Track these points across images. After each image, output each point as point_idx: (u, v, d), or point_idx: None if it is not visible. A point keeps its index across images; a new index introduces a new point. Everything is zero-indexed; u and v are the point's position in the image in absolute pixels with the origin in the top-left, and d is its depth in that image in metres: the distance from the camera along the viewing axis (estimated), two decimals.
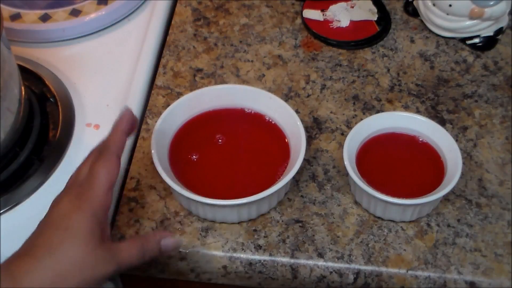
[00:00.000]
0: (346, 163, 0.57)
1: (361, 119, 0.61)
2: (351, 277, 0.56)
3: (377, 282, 0.56)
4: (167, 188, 0.60)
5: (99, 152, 0.50)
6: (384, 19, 0.76)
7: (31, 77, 0.69)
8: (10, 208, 0.59)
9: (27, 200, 0.60)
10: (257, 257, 0.56)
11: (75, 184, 0.49)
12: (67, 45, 0.74)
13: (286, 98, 0.68)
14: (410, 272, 0.55)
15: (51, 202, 0.49)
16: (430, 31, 0.75)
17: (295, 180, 0.61)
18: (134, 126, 0.52)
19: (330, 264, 0.56)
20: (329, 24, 0.75)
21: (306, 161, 0.62)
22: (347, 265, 0.56)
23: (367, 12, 0.76)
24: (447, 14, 0.71)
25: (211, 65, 0.71)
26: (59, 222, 0.46)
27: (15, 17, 0.73)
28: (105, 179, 0.48)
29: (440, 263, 0.56)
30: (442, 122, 0.66)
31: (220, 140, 0.61)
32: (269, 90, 0.67)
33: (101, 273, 0.46)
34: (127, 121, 0.51)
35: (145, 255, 0.49)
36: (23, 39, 0.73)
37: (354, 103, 0.68)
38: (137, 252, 0.48)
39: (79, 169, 0.51)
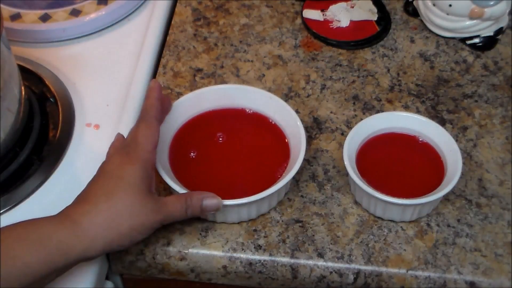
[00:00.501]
0: (346, 163, 0.57)
1: (361, 119, 0.61)
2: (351, 277, 0.56)
3: (377, 282, 0.56)
4: (167, 188, 0.60)
5: (139, 119, 0.55)
6: (384, 19, 0.76)
7: (31, 77, 0.69)
8: (10, 208, 0.59)
9: (27, 200, 0.60)
10: (257, 257, 0.56)
11: (120, 147, 0.55)
12: (67, 45, 0.74)
13: (286, 98, 0.68)
14: (410, 272, 0.55)
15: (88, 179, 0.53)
16: (430, 31, 0.75)
17: (295, 180, 0.61)
18: (160, 91, 0.57)
19: (330, 264, 0.56)
20: (329, 24, 0.75)
21: (306, 161, 0.62)
22: (347, 265, 0.56)
23: (367, 12, 0.76)
24: (447, 14, 0.71)
25: (211, 65, 0.72)
26: (113, 172, 0.51)
27: (15, 17, 0.73)
28: (148, 141, 0.53)
29: (440, 263, 0.56)
30: (442, 122, 0.66)
31: (220, 139, 0.61)
32: (269, 90, 0.67)
33: (149, 220, 0.50)
34: (156, 89, 0.56)
35: (187, 211, 0.53)
36: (23, 39, 0.73)
37: (354, 103, 0.68)
38: (180, 207, 0.52)
39: (119, 138, 0.57)
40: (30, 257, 0.45)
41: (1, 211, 0.58)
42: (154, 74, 0.71)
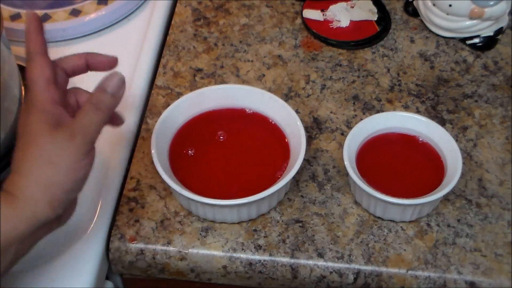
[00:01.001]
0: (346, 163, 0.57)
1: (361, 119, 0.61)
2: (351, 277, 0.56)
3: (377, 282, 0.56)
4: (167, 188, 0.60)
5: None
6: (384, 19, 0.76)
7: None
8: None
9: None
10: (257, 257, 0.56)
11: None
12: (67, 45, 0.74)
13: (286, 98, 0.68)
14: (410, 272, 0.55)
15: None
16: (430, 31, 0.75)
17: (295, 180, 0.61)
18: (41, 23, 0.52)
19: (330, 264, 0.56)
20: (329, 24, 0.75)
21: (306, 161, 0.62)
22: (347, 265, 0.56)
23: (367, 12, 0.76)
24: (447, 14, 0.71)
25: (211, 65, 0.72)
26: (20, 129, 0.47)
27: (15, 17, 0.73)
28: (39, 79, 0.48)
29: (440, 263, 0.56)
30: (442, 122, 0.66)
31: (221, 137, 0.61)
32: (269, 90, 0.67)
33: (72, 149, 0.46)
34: (34, 21, 0.51)
35: (101, 107, 0.48)
36: (23, 39, 0.73)
37: (354, 103, 0.68)
38: (92, 110, 0.47)
39: None
40: None
41: None
42: (154, 74, 0.71)
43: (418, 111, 0.67)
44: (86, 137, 0.46)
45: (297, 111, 0.63)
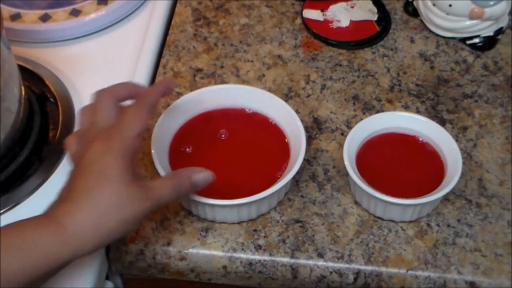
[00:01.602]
0: (346, 163, 0.57)
1: (361, 119, 0.61)
2: (351, 277, 0.56)
3: (377, 282, 0.56)
4: None
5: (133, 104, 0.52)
6: (384, 19, 0.76)
7: (31, 77, 0.69)
8: (10, 208, 0.59)
9: (27, 200, 0.60)
10: (257, 257, 0.56)
11: (101, 128, 0.50)
12: (67, 45, 0.74)
13: (286, 98, 0.68)
14: (410, 272, 0.55)
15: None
16: (430, 31, 0.75)
17: (295, 180, 0.61)
18: (170, 91, 0.55)
19: (330, 264, 0.56)
20: (329, 24, 0.75)
21: (306, 161, 0.62)
22: (347, 265, 0.56)
23: (367, 12, 0.76)
24: (447, 14, 0.71)
25: (211, 65, 0.72)
26: (93, 166, 0.47)
27: (15, 17, 0.73)
28: (134, 126, 0.49)
29: (440, 263, 0.56)
30: (442, 122, 0.66)
31: (223, 136, 0.61)
32: (269, 90, 0.67)
33: (138, 211, 0.47)
34: (165, 85, 0.54)
35: (178, 189, 0.51)
36: (23, 39, 0.73)
37: (354, 103, 0.68)
38: (171, 187, 0.50)
39: (102, 113, 0.52)
40: (15, 265, 0.42)
41: (1, 211, 0.58)
42: (154, 74, 0.71)
43: (418, 111, 0.67)
44: (155, 207, 0.48)
45: (297, 111, 0.63)
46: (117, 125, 0.49)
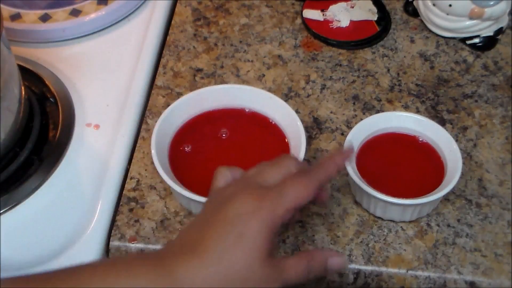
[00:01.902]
0: (346, 163, 0.57)
1: (361, 119, 0.61)
2: (351, 277, 0.56)
3: (377, 282, 0.56)
4: (167, 188, 0.60)
5: (300, 170, 0.46)
6: (384, 19, 0.76)
7: (31, 77, 0.69)
8: (10, 208, 0.59)
9: (27, 200, 0.60)
10: None
11: (253, 183, 0.45)
12: (67, 45, 0.74)
13: (286, 98, 0.68)
14: (410, 272, 0.55)
15: (214, 187, 0.47)
16: (430, 31, 0.75)
17: None
18: (345, 163, 0.51)
19: None
20: (329, 24, 0.75)
21: (306, 161, 0.62)
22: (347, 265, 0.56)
23: (367, 12, 0.76)
24: (447, 14, 0.71)
25: (211, 65, 0.72)
26: (235, 223, 0.42)
27: (15, 17, 0.73)
28: (295, 196, 0.44)
29: (440, 263, 0.56)
30: (442, 122, 0.66)
31: (224, 135, 0.61)
32: (269, 90, 0.67)
33: None
34: (345, 158, 0.50)
35: (310, 272, 0.45)
36: (23, 39, 0.73)
37: (354, 103, 0.68)
38: (302, 270, 0.45)
39: (263, 170, 0.47)
40: None
41: (1, 211, 0.59)
42: (154, 74, 0.71)
43: (418, 111, 0.67)
44: (281, 286, 0.44)
45: (297, 111, 0.63)
46: (277, 188, 0.44)
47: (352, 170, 0.56)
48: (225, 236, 0.41)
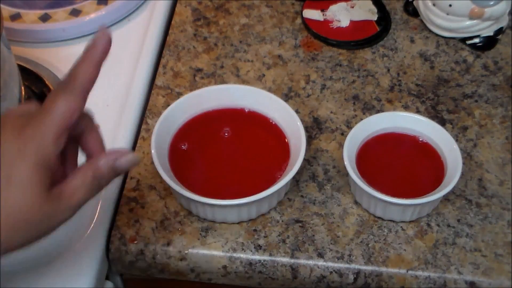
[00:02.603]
0: (346, 163, 0.57)
1: (361, 119, 0.61)
2: (351, 277, 0.56)
3: (377, 282, 0.56)
4: (167, 188, 0.60)
5: (56, 87, 0.41)
6: (384, 19, 0.76)
7: (31, 77, 0.69)
8: None
9: None
10: (257, 257, 0.56)
11: (20, 112, 0.40)
12: (67, 45, 0.74)
13: (286, 98, 0.68)
14: (410, 272, 0.55)
15: None
16: (430, 31, 0.75)
17: (295, 180, 0.61)
18: (108, 51, 0.44)
19: (330, 264, 0.56)
20: (329, 24, 0.75)
21: (306, 161, 0.62)
22: (347, 265, 0.56)
23: (367, 12, 0.76)
24: (447, 14, 0.71)
25: (211, 65, 0.72)
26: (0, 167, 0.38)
27: (15, 17, 0.73)
28: (61, 115, 0.39)
29: (440, 263, 0.56)
30: (442, 122, 0.66)
31: (226, 134, 0.62)
32: (269, 90, 0.67)
33: (54, 223, 0.40)
34: (102, 48, 0.44)
35: (100, 185, 0.42)
36: (23, 39, 0.73)
37: (354, 103, 0.68)
38: (90, 187, 0.41)
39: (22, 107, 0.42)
40: None
41: None
42: (154, 74, 0.71)
43: (418, 111, 0.67)
44: (70, 216, 0.42)
45: (297, 111, 0.63)
46: (38, 113, 0.39)
47: (352, 169, 0.56)
48: None
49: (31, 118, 0.40)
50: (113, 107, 0.67)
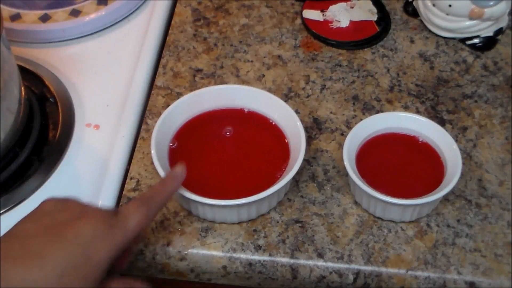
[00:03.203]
0: (346, 163, 0.57)
1: (361, 119, 0.61)
2: (351, 277, 0.56)
3: (377, 282, 0.56)
4: None
5: (137, 198, 0.49)
6: (384, 19, 0.76)
7: (31, 77, 0.69)
8: (10, 208, 0.59)
9: (27, 200, 0.60)
10: (257, 257, 0.56)
11: (98, 209, 0.47)
12: (67, 45, 0.74)
13: (286, 98, 0.68)
14: (410, 272, 0.55)
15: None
16: (430, 31, 0.75)
17: (295, 180, 0.61)
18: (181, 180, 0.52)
19: (330, 264, 0.56)
20: (329, 24, 0.75)
21: (306, 161, 0.62)
22: (347, 265, 0.56)
23: (367, 12, 0.76)
24: (447, 14, 0.71)
25: (211, 65, 0.72)
26: (83, 244, 0.43)
27: (15, 17, 0.73)
28: (137, 224, 0.46)
29: (440, 263, 0.56)
30: (442, 122, 0.66)
31: (227, 133, 0.62)
32: (269, 90, 0.67)
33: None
34: (177, 180, 0.52)
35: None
36: (23, 39, 0.73)
37: (354, 103, 0.68)
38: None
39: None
40: None
41: (1, 211, 0.59)
42: (154, 74, 0.71)
43: (418, 111, 0.67)
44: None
45: (297, 111, 0.63)
46: (121, 216, 0.46)
47: (352, 170, 0.56)
48: (72, 255, 0.42)
49: (116, 216, 0.45)
50: (113, 107, 0.67)
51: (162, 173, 0.55)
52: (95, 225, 0.44)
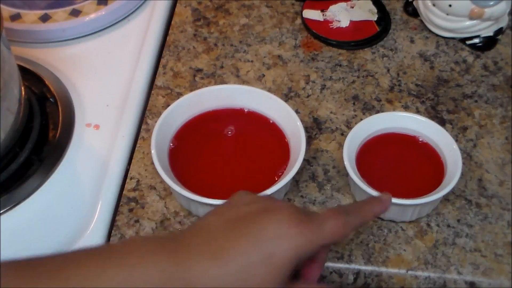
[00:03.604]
0: (346, 163, 0.57)
1: (361, 119, 0.61)
2: (351, 277, 0.56)
3: (377, 282, 0.56)
4: (167, 188, 0.60)
5: (340, 207, 0.47)
6: (384, 19, 0.76)
7: (31, 77, 0.69)
8: (10, 208, 0.59)
9: (27, 200, 0.60)
10: None
11: (296, 207, 0.43)
12: (67, 45, 0.74)
13: (286, 98, 0.68)
14: (410, 272, 0.55)
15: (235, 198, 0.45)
16: (430, 31, 0.75)
17: (295, 180, 0.61)
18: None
19: (330, 264, 0.56)
20: (329, 24, 0.75)
21: (306, 161, 0.62)
22: (347, 265, 0.56)
23: (367, 12, 0.76)
24: (447, 14, 0.71)
25: (211, 65, 0.72)
26: (267, 242, 0.40)
27: (15, 17, 0.73)
28: (332, 233, 0.42)
29: (440, 263, 0.56)
30: (442, 122, 0.66)
31: (229, 132, 0.62)
32: (269, 90, 0.67)
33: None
34: (384, 208, 0.49)
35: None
36: (23, 39, 0.73)
37: (354, 103, 0.68)
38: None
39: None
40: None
41: (1, 211, 0.59)
42: (154, 74, 0.71)
43: (418, 111, 0.67)
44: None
45: (297, 111, 0.63)
46: (318, 221, 0.42)
47: (352, 170, 0.56)
48: (254, 252, 0.39)
49: (311, 219, 0.42)
50: (113, 107, 0.67)
51: (162, 173, 0.55)
52: (282, 222, 0.40)
